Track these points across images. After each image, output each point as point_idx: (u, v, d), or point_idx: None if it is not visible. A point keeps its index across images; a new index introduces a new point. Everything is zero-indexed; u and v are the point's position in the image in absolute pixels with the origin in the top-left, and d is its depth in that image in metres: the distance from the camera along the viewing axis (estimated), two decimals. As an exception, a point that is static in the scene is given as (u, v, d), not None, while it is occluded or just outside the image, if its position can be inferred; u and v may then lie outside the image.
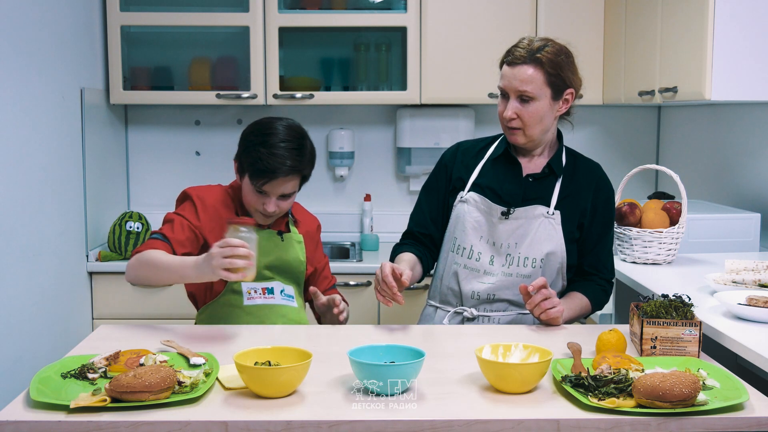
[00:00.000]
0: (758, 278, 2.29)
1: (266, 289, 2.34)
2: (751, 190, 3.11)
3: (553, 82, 2.19)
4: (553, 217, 2.25)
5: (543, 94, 2.19)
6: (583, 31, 3.67)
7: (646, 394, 1.53)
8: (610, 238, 2.36)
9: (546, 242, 2.23)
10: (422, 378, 1.67)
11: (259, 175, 2.24)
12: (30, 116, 2.91)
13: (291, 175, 2.25)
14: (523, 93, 2.18)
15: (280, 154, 2.23)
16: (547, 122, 2.23)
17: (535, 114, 2.20)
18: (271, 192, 2.26)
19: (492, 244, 2.26)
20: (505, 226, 2.25)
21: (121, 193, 3.93)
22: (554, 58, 2.18)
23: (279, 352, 1.72)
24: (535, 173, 2.29)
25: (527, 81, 2.17)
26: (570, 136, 4.04)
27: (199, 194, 2.33)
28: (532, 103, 2.19)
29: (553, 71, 2.18)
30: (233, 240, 1.94)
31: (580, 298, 2.28)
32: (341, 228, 4.04)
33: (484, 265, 2.26)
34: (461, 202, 2.31)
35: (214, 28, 3.76)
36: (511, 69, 2.20)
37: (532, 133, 2.23)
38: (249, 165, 2.26)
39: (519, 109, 2.20)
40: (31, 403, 1.57)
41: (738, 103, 3.15)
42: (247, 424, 1.51)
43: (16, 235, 2.79)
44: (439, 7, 3.62)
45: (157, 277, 2.14)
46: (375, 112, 4.01)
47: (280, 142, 2.24)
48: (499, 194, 2.28)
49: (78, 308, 3.36)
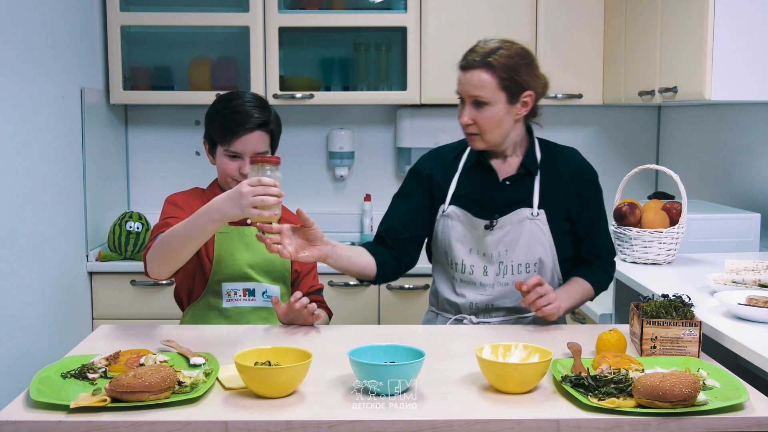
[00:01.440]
0: (758, 278, 2.29)
1: (247, 291, 2.32)
2: (751, 190, 3.11)
3: (507, 86, 2.15)
4: (538, 218, 2.22)
5: (497, 99, 2.15)
6: (583, 31, 3.67)
7: (646, 394, 1.53)
8: (603, 221, 2.32)
9: (536, 245, 2.21)
10: (422, 378, 1.67)
11: (227, 133, 2.24)
12: (30, 116, 2.91)
13: (259, 130, 2.25)
14: (477, 98, 2.15)
15: (245, 110, 2.25)
16: (505, 126, 2.19)
17: (491, 119, 2.16)
18: (243, 151, 2.25)
19: (482, 255, 2.24)
20: (491, 236, 2.22)
21: (121, 193, 3.93)
22: (507, 62, 2.14)
23: (279, 352, 1.72)
24: (511, 176, 2.25)
25: (479, 86, 2.14)
26: (570, 136, 4.07)
27: (175, 200, 2.32)
28: (486, 108, 2.15)
29: (506, 75, 2.14)
30: (265, 179, 1.89)
31: (581, 284, 2.25)
32: (341, 228, 4.03)
33: (479, 277, 2.24)
34: (444, 217, 2.27)
35: (214, 28, 3.76)
36: (464, 74, 2.17)
37: (490, 138, 2.19)
38: (216, 130, 2.27)
39: (475, 114, 2.16)
40: (31, 403, 1.57)
41: (738, 103, 3.15)
42: (247, 424, 1.51)
43: (16, 235, 2.79)
44: (439, 7, 3.62)
45: (180, 244, 2.01)
46: (375, 112, 4.01)
47: (242, 102, 2.27)
48: (480, 204, 2.25)
49: (78, 308, 3.36)
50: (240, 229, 2.32)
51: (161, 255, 2.06)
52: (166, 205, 2.30)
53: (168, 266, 2.08)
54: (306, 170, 4.04)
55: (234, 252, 2.31)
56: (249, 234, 2.33)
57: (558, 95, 3.68)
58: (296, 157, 4.02)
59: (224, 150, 2.27)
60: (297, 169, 4.02)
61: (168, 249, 2.04)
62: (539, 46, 3.67)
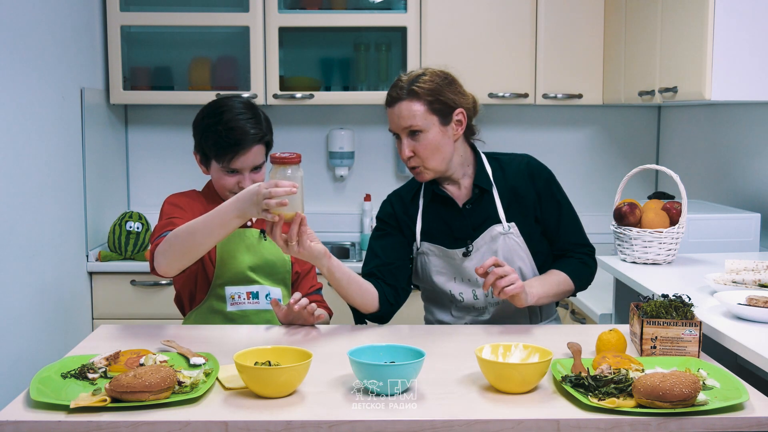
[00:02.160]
0: (758, 278, 2.29)
1: (251, 294, 2.31)
2: (751, 190, 3.11)
3: (436, 109, 2.15)
4: (510, 231, 2.22)
5: (430, 123, 2.15)
6: (583, 31, 3.68)
7: (646, 394, 1.53)
8: (567, 214, 2.30)
9: (513, 257, 2.22)
10: (422, 378, 1.67)
11: (225, 152, 2.21)
12: (30, 116, 2.91)
13: (255, 144, 2.24)
14: (410, 128, 2.15)
15: (239, 126, 2.21)
16: (446, 150, 2.18)
17: (429, 145, 2.15)
18: (241, 167, 2.24)
19: (467, 281, 2.24)
20: (470, 262, 2.22)
21: (121, 193, 3.93)
22: (430, 86, 2.15)
23: (279, 352, 1.72)
24: (468, 199, 2.25)
25: (410, 116, 2.14)
26: (570, 136, 4.08)
27: (176, 201, 2.29)
28: (422, 136, 2.15)
29: (432, 98, 2.14)
30: (283, 182, 1.88)
31: (557, 274, 2.24)
32: (341, 228, 4.04)
33: (470, 301, 2.25)
34: (420, 254, 2.28)
35: (214, 28, 3.76)
36: (392, 109, 2.18)
37: (434, 166, 2.18)
38: (211, 147, 2.24)
39: (413, 145, 2.16)
40: (31, 403, 1.57)
41: (738, 103, 3.15)
42: (247, 424, 1.51)
43: (16, 235, 2.79)
44: (439, 7, 3.63)
45: (199, 240, 1.99)
46: (375, 112, 4.01)
47: (234, 116, 2.23)
48: (450, 235, 2.25)
49: (78, 308, 3.36)
50: (241, 231, 2.31)
51: (175, 250, 2.02)
52: (167, 206, 2.28)
53: (180, 262, 2.05)
54: (306, 170, 3.99)
55: (236, 254, 2.30)
56: (250, 236, 2.32)
57: (558, 95, 3.69)
58: (296, 157, 4.02)
59: (221, 166, 2.25)
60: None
61: (184, 244, 2.00)
62: (539, 46, 3.67)
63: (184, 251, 2.02)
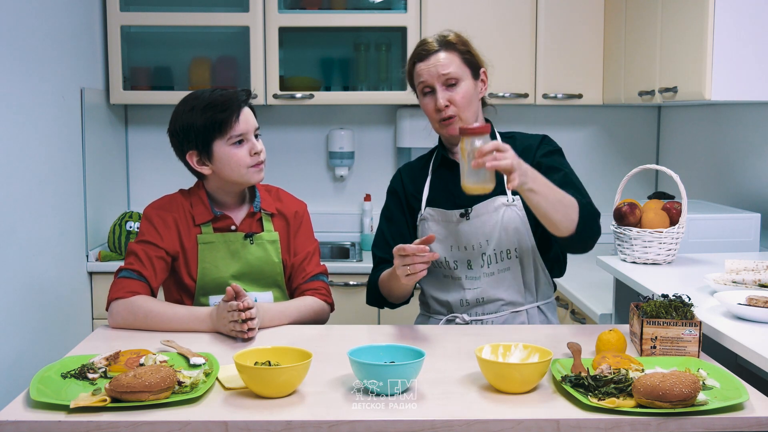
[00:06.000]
0: (758, 278, 2.29)
1: None
2: (751, 190, 3.11)
3: (468, 60, 2.21)
4: (514, 204, 2.22)
5: (465, 74, 2.20)
6: (583, 31, 3.68)
7: (646, 394, 1.53)
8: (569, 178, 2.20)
9: (514, 230, 2.21)
10: (422, 378, 1.67)
11: (224, 120, 2.16)
12: (30, 116, 2.91)
13: (245, 106, 2.21)
14: (448, 76, 2.18)
15: (222, 94, 2.20)
16: (475, 105, 2.23)
17: (466, 95, 2.19)
18: (245, 130, 2.19)
19: (464, 248, 2.24)
20: (467, 227, 2.22)
21: (121, 193, 3.94)
22: (461, 39, 2.22)
23: (279, 352, 1.72)
24: None
25: (447, 64, 2.18)
26: (570, 136, 4.07)
27: (155, 210, 2.25)
28: (459, 85, 2.19)
29: (465, 49, 2.21)
30: (247, 302, 1.98)
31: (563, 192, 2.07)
32: (341, 228, 4.04)
33: (464, 271, 2.24)
34: (421, 222, 2.30)
35: (214, 28, 3.76)
36: (426, 62, 2.19)
37: (467, 117, 2.20)
38: (210, 127, 2.18)
39: (449, 95, 2.18)
40: (31, 403, 1.57)
41: (738, 103, 3.15)
42: (247, 424, 1.52)
43: (16, 235, 2.79)
44: (439, 7, 3.63)
45: (156, 326, 2.09)
46: (375, 112, 4.01)
47: (211, 92, 2.22)
48: (453, 200, 2.25)
49: (78, 308, 3.36)
50: (225, 236, 2.23)
51: (133, 323, 2.11)
52: (144, 222, 2.24)
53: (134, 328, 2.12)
54: (306, 170, 4.04)
55: (218, 264, 2.22)
56: (235, 240, 2.24)
57: (558, 95, 3.69)
58: (296, 157, 4.02)
59: (227, 140, 2.18)
60: (297, 169, 4.02)
61: (145, 323, 2.10)
62: (539, 46, 3.67)
63: (143, 327, 2.11)
